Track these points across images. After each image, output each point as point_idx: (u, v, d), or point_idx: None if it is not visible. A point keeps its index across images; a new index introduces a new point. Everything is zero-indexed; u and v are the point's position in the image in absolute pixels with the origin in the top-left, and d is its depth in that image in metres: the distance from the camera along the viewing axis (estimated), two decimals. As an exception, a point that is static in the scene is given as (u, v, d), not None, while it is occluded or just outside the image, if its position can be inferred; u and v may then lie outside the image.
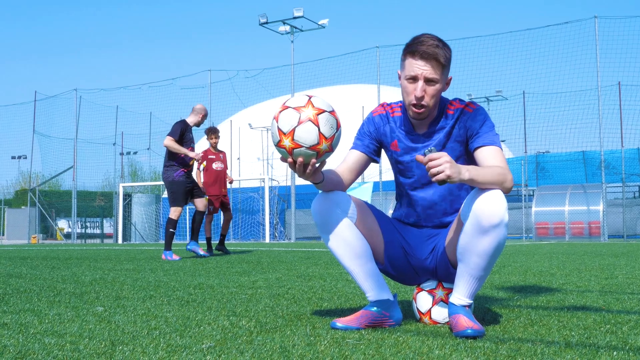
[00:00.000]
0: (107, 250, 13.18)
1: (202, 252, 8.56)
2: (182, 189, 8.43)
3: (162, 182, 33.30)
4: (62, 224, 34.52)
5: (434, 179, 2.18)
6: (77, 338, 2.25)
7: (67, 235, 32.54)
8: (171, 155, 8.40)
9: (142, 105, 33.07)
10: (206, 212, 9.10)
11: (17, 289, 4.14)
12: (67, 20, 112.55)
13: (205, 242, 10.89)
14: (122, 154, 32.80)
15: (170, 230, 8.42)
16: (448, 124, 2.54)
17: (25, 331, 2.41)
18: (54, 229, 33.64)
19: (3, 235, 34.92)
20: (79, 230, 31.89)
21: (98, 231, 33.00)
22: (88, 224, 33.62)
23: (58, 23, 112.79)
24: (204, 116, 8.63)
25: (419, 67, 2.42)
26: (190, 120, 8.60)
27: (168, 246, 8.32)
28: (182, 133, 8.41)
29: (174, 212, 8.46)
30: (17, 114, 39.90)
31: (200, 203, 8.66)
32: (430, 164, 2.18)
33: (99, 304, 3.25)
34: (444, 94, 2.60)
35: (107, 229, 33.36)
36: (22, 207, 35.63)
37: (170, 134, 8.38)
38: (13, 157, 43.13)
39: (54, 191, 37.91)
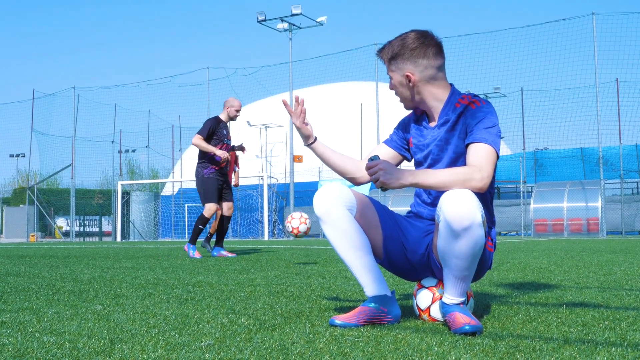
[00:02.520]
0: (106, 248, 13.19)
1: (230, 255, 8.27)
2: (214, 186, 8.20)
3: (160, 180, 33.31)
4: (61, 222, 34.50)
5: (375, 185, 2.36)
6: (76, 336, 2.25)
7: (66, 234, 32.53)
8: (202, 153, 8.21)
9: (141, 103, 33.10)
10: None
11: (15, 287, 4.13)
12: (65, 18, 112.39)
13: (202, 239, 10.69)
14: (120, 152, 32.81)
15: (200, 226, 8.16)
16: (452, 118, 2.56)
17: (24, 330, 2.41)
18: (52, 227, 33.61)
19: (1, 233, 34.89)
20: (77, 229, 31.87)
21: (97, 229, 32.99)
22: (87, 222, 33.61)
23: (56, 21, 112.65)
24: (234, 108, 8.28)
25: None
26: (223, 116, 8.36)
27: (193, 240, 8.07)
28: (213, 131, 8.16)
29: (207, 210, 8.16)
30: (15, 112, 39.82)
31: (226, 206, 8.44)
32: (369, 172, 2.39)
33: (97, 302, 3.25)
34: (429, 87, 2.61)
35: (106, 227, 33.35)
36: (21, 205, 35.59)
37: (199, 132, 8.17)
38: (11, 155, 43.15)
39: (52, 189, 37.88)
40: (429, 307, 2.58)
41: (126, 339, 2.19)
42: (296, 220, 6.25)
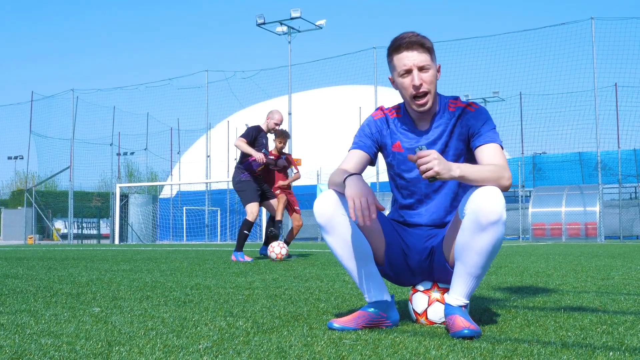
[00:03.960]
0: (104, 250, 13.17)
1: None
2: (252, 187, 8.08)
3: (158, 183, 33.25)
4: (59, 225, 34.47)
5: (423, 175, 2.26)
6: (74, 339, 2.25)
7: (64, 236, 32.48)
8: (241, 158, 8.16)
9: (139, 105, 33.20)
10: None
11: (13, 289, 4.13)
12: (64, 21, 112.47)
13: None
14: (119, 154, 32.79)
15: (245, 232, 7.97)
16: (450, 121, 2.56)
17: (22, 332, 2.41)
18: (50, 230, 33.57)
19: (-1, 235, 34.87)
20: (75, 231, 31.84)
21: (95, 232, 32.94)
22: (85, 225, 33.54)
23: (55, 23, 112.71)
24: (275, 121, 8.20)
25: (408, 58, 2.48)
26: (264, 125, 8.29)
27: (239, 247, 7.89)
28: (254, 137, 8.09)
29: (249, 213, 7.98)
30: (14, 114, 39.87)
31: (273, 207, 8.30)
32: (420, 161, 2.26)
33: (95, 305, 3.25)
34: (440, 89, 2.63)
35: (104, 229, 33.30)
36: (19, 207, 35.57)
37: (242, 136, 8.12)
38: (9, 158, 43.09)
39: (50, 192, 37.84)
40: (425, 310, 2.58)
41: (124, 342, 2.18)
42: (277, 248, 7.77)
